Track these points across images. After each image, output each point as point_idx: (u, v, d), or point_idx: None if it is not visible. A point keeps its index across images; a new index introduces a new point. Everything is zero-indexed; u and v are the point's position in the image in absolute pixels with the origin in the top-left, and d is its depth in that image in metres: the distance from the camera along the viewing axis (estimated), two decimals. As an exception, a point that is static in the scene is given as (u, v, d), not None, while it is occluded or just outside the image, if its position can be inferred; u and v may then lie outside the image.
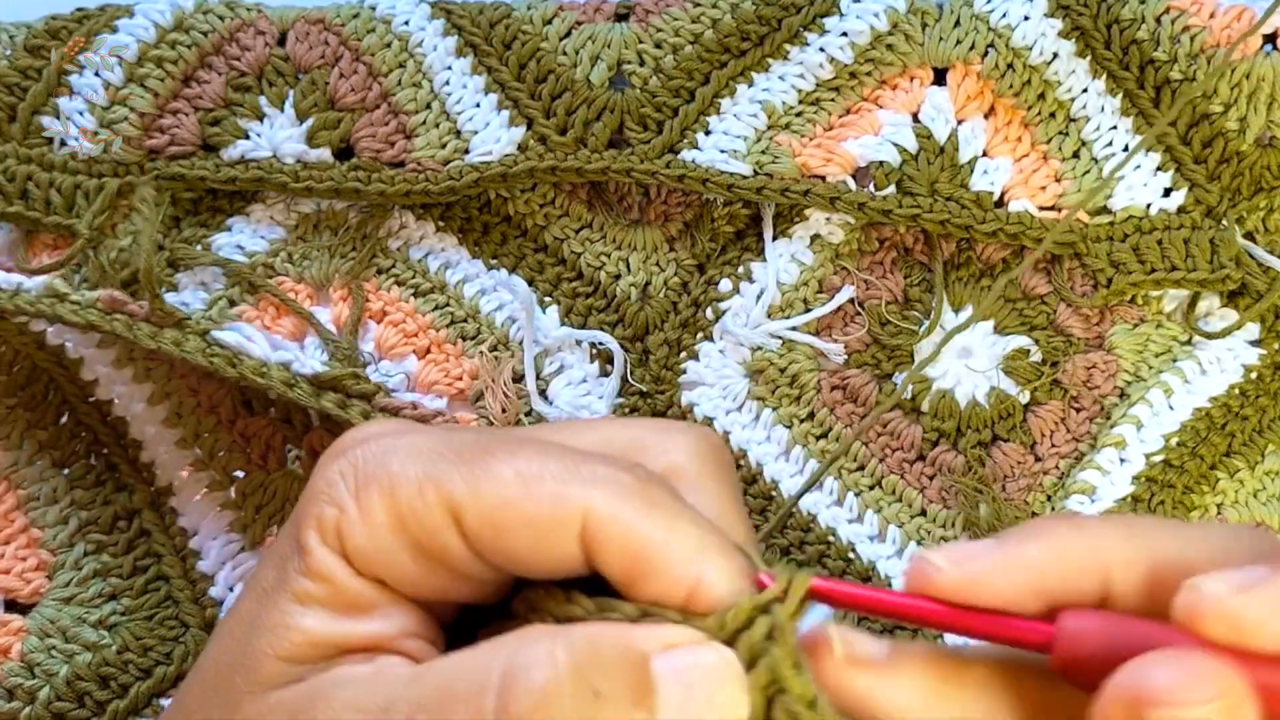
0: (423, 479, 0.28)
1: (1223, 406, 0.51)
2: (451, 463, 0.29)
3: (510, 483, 0.28)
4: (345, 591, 0.29)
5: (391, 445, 0.29)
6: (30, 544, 0.48)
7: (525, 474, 0.28)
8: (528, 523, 0.28)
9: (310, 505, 0.29)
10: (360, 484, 0.29)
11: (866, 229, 0.54)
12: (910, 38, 0.53)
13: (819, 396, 0.52)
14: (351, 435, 0.31)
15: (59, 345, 0.50)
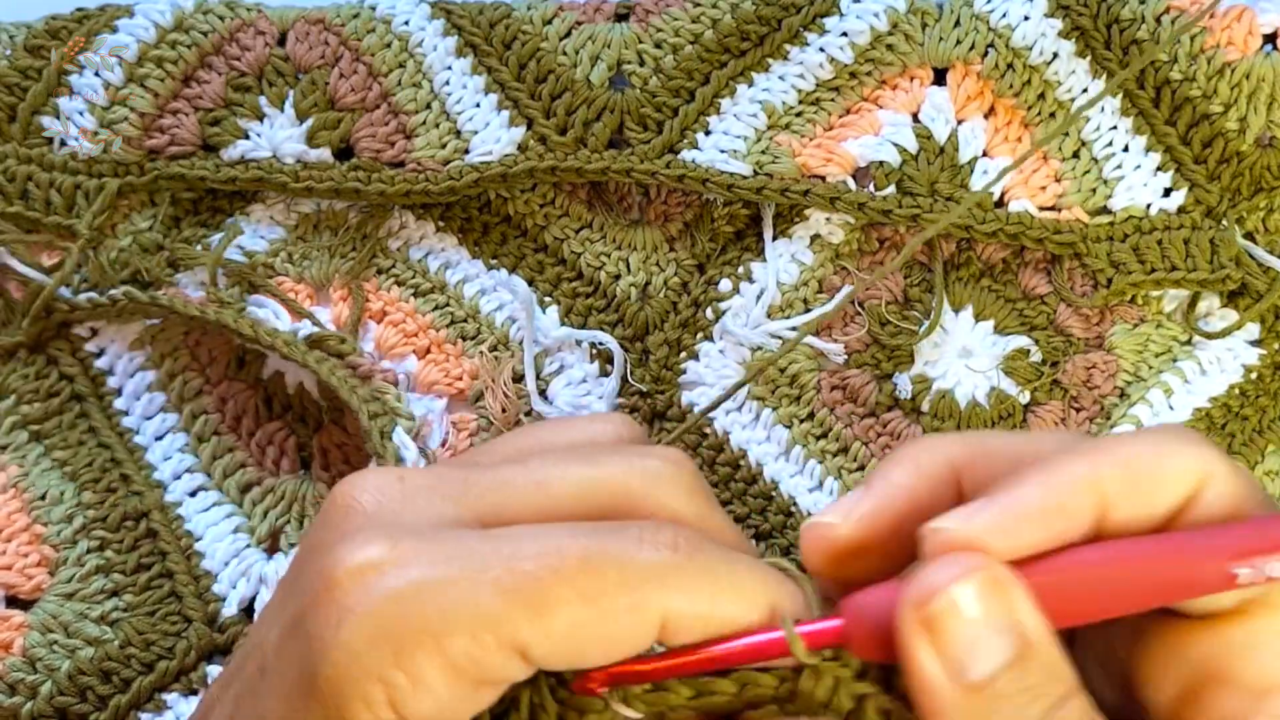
0: (474, 625, 0.25)
1: (1223, 407, 0.51)
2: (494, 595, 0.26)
3: (579, 607, 0.26)
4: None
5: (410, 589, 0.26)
6: (33, 540, 0.48)
7: (589, 593, 0.26)
8: (605, 641, 0.27)
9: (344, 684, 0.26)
10: (399, 651, 0.25)
11: (866, 229, 0.54)
12: (910, 38, 0.53)
13: (819, 396, 0.52)
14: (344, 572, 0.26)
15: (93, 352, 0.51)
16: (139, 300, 0.49)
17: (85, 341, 0.52)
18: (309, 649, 0.26)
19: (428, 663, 0.25)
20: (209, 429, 0.50)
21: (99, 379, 0.51)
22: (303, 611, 0.26)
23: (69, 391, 0.51)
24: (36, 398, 0.51)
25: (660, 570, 0.26)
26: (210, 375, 0.51)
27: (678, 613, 0.27)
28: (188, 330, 0.51)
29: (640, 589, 0.26)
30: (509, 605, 0.25)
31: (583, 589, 0.26)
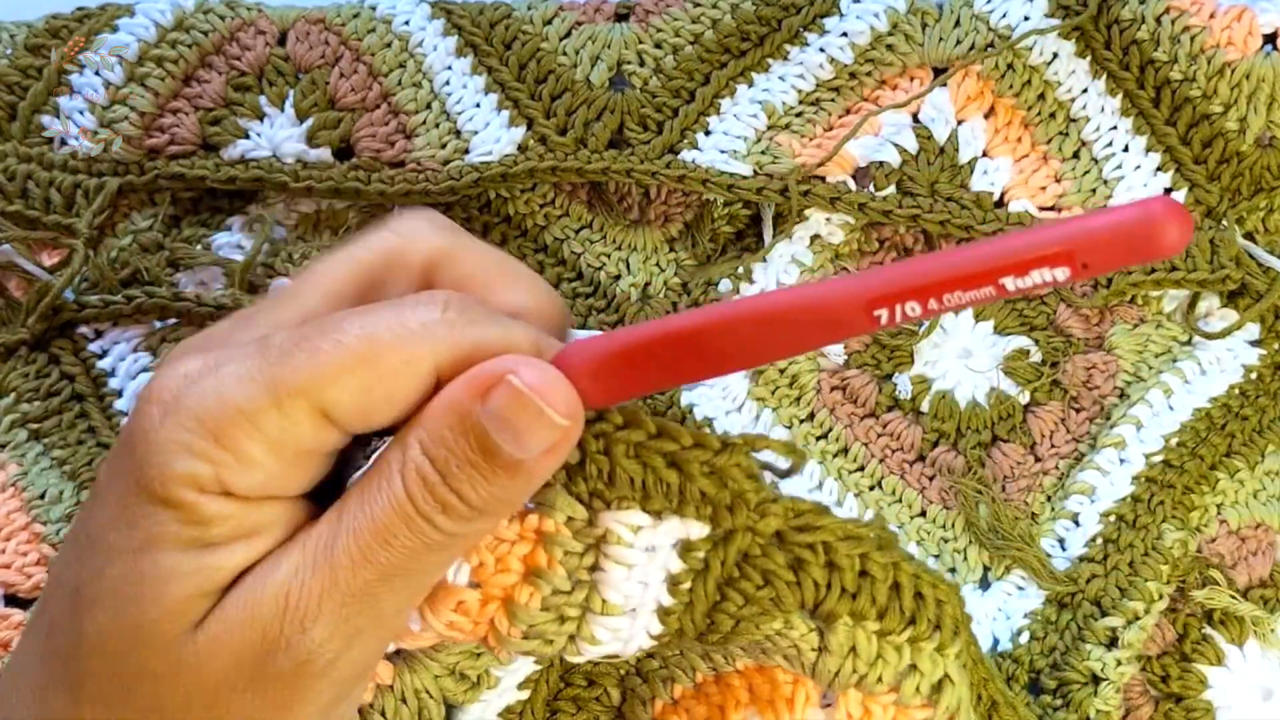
0: (280, 399, 0.29)
1: (1222, 407, 0.51)
2: (294, 371, 0.29)
3: (362, 369, 0.29)
4: (247, 520, 0.30)
5: (221, 381, 0.29)
6: (32, 539, 0.48)
7: (368, 355, 0.29)
8: (389, 396, 0.30)
9: (168, 469, 0.29)
10: (219, 434, 0.29)
11: (866, 229, 0.54)
12: (910, 38, 0.53)
13: (819, 397, 0.52)
14: (164, 384, 0.30)
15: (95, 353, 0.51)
16: (160, 298, 0.49)
17: (89, 342, 0.52)
18: (135, 452, 0.29)
19: (247, 440, 0.29)
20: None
21: (100, 379, 0.51)
22: (129, 430, 0.30)
23: (69, 391, 0.51)
24: (37, 396, 0.51)
25: (427, 327, 0.30)
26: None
27: (447, 360, 0.30)
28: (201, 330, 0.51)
29: (411, 347, 0.30)
30: (307, 378, 0.29)
31: (365, 354, 0.29)
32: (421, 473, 0.30)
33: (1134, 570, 0.48)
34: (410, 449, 0.30)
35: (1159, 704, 0.47)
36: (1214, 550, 0.49)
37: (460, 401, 0.30)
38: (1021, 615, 0.48)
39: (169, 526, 0.29)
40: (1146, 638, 0.47)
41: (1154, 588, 0.47)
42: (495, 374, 0.30)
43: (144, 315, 0.51)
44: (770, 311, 0.30)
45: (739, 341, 0.30)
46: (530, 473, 0.31)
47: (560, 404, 0.30)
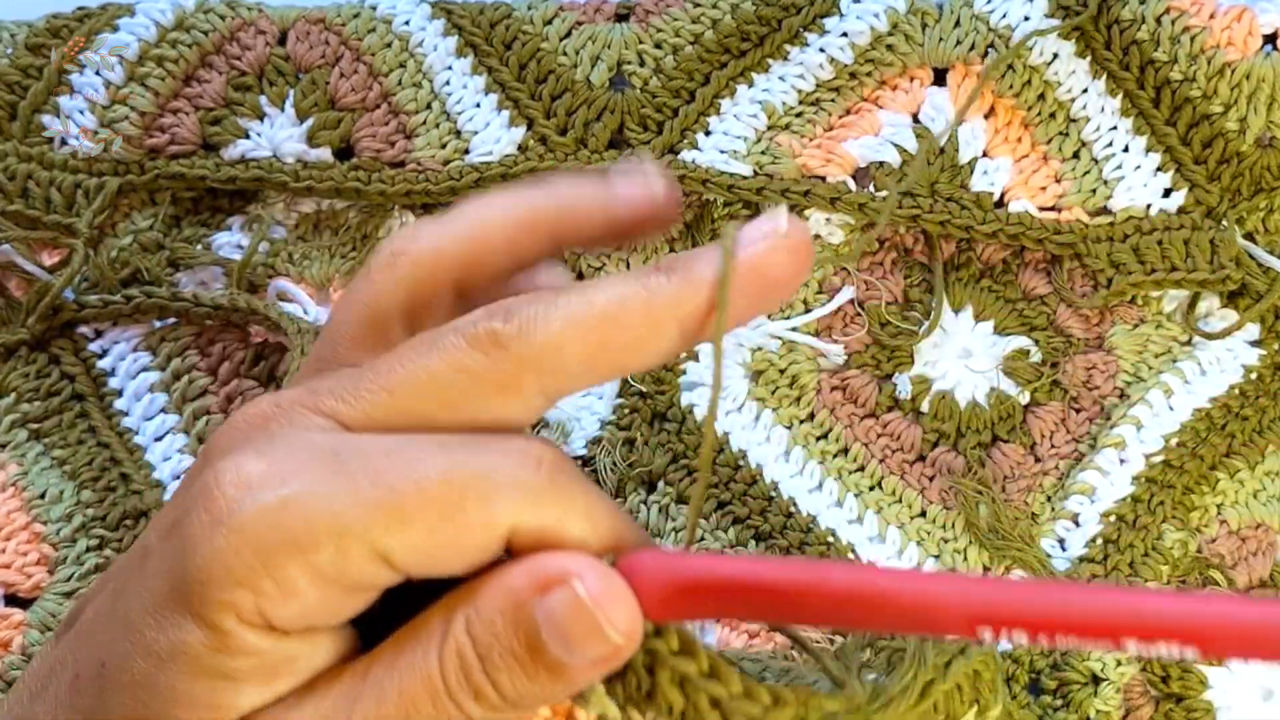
0: (340, 536, 0.27)
1: (1222, 407, 0.51)
2: (360, 507, 0.27)
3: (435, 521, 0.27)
4: (276, 656, 0.28)
5: (279, 503, 0.27)
6: (32, 539, 0.48)
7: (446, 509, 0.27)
8: (459, 551, 0.28)
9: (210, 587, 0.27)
10: (268, 559, 0.27)
11: (866, 229, 0.54)
12: (910, 38, 0.53)
13: (819, 398, 0.52)
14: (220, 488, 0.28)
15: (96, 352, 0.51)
16: (158, 297, 0.49)
17: (89, 341, 0.52)
18: (183, 551, 0.28)
19: (296, 572, 0.27)
20: (210, 430, 0.50)
21: (100, 379, 0.51)
22: (182, 517, 0.28)
23: (69, 391, 0.51)
24: (37, 396, 0.51)
25: (516, 488, 0.28)
26: (219, 374, 0.51)
27: (525, 529, 0.28)
28: (200, 330, 0.51)
29: (494, 506, 0.28)
30: (371, 518, 0.27)
31: (440, 506, 0.27)
32: (461, 654, 0.28)
33: (1134, 571, 0.48)
34: (455, 624, 0.29)
35: (1159, 704, 0.47)
36: (1214, 550, 0.49)
37: (517, 591, 0.28)
38: (1021, 615, 0.48)
39: (195, 646, 0.28)
40: (1146, 638, 0.47)
41: (1154, 589, 0.47)
42: (559, 573, 0.28)
43: (143, 315, 0.51)
44: (869, 591, 0.28)
45: (827, 608, 0.28)
46: (573, 679, 0.29)
47: (620, 621, 0.28)
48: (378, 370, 0.30)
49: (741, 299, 0.29)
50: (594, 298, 0.29)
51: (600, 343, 0.29)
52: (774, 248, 0.29)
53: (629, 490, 0.50)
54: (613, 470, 0.50)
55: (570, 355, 0.29)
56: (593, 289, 0.29)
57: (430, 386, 0.29)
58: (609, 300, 0.29)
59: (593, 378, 0.30)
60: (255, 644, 0.28)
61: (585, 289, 0.29)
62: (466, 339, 0.29)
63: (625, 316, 0.29)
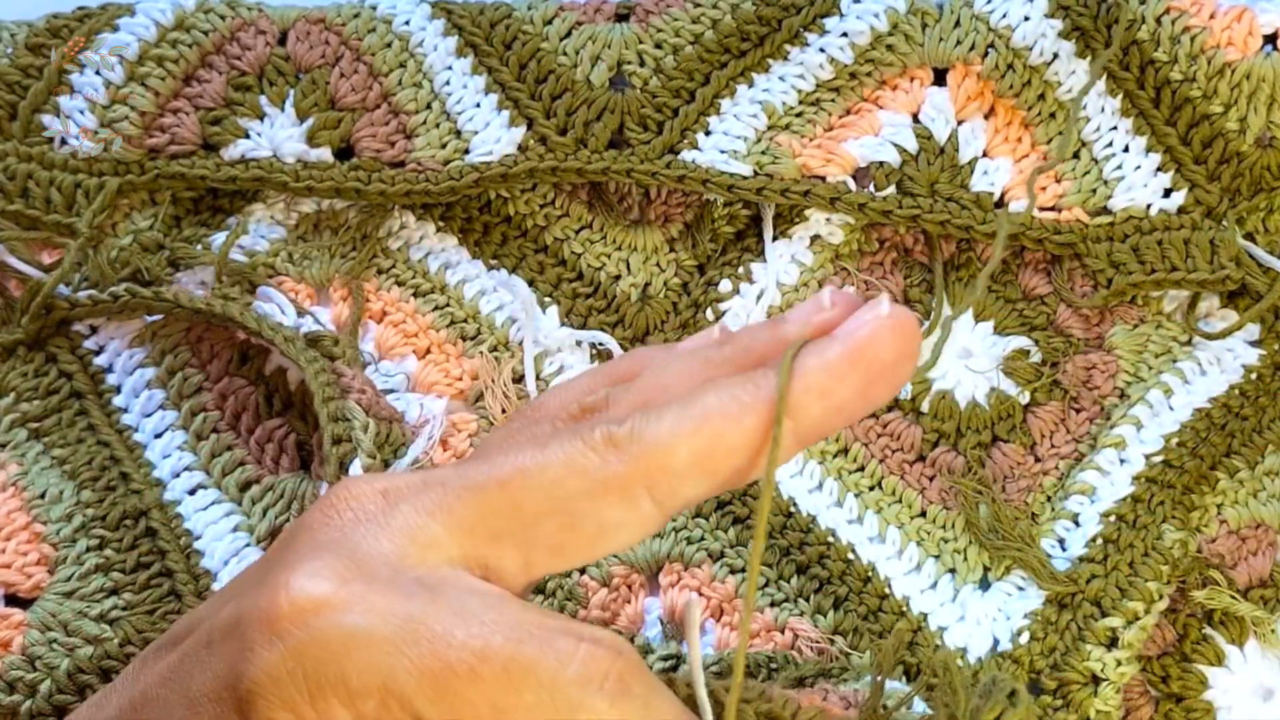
0: (386, 695, 0.27)
1: (1222, 407, 0.51)
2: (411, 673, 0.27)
3: (483, 712, 0.28)
4: None
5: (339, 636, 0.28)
6: (33, 539, 0.48)
7: (502, 707, 0.28)
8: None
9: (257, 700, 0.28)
10: (315, 693, 0.28)
11: (866, 229, 0.54)
12: (910, 38, 0.53)
13: (819, 397, 0.52)
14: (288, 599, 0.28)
15: (91, 350, 0.51)
16: (142, 296, 0.49)
17: (84, 339, 0.52)
18: (241, 655, 0.28)
19: (339, 709, 0.28)
20: (208, 426, 0.50)
21: (98, 376, 0.51)
22: (248, 619, 0.29)
23: (68, 389, 0.51)
24: (35, 395, 0.50)
25: (573, 707, 0.28)
26: (211, 372, 0.51)
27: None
28: (189, 326, 0.51)
29: (545, 711, 0.28)
30: (421, 686, 0.27)
31: (494, 701, 0.27)
32: None
33: (1134, 570, 0.48)
34: None
35: (1159, 704, 0.47)
36: (1214, 550, 0.49)
37: None
38: (1021, 616, 0.48)
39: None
40: (1146, 638, 0.47)
41: (1154, 588, 0.47)
42: None
43: (131, 312, 0.51)
44: None
45: None
46: None
47: None
48: (494, 463, 0.30)
49: (847, 387, 0.29)
50: (702, 397, 0.29)
51: (711, 440, 0.29)
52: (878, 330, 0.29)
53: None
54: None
55: (681, 453, 0.29)
56: (701, 390, 0.29)
57: (542, 481, 0.29)
58: (717, 399, 0.29)
59: (706, 480, 0.29)
60: None
61: (696, 392, 0.29)
62: (583, 439, 0.29)
63: (733, 412, 0.29)
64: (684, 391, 0.30)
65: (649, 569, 0.49)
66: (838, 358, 0.29)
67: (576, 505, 0.29)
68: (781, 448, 0.29)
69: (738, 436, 0.29)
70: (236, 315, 0.48)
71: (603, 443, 0.29)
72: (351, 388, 0.47)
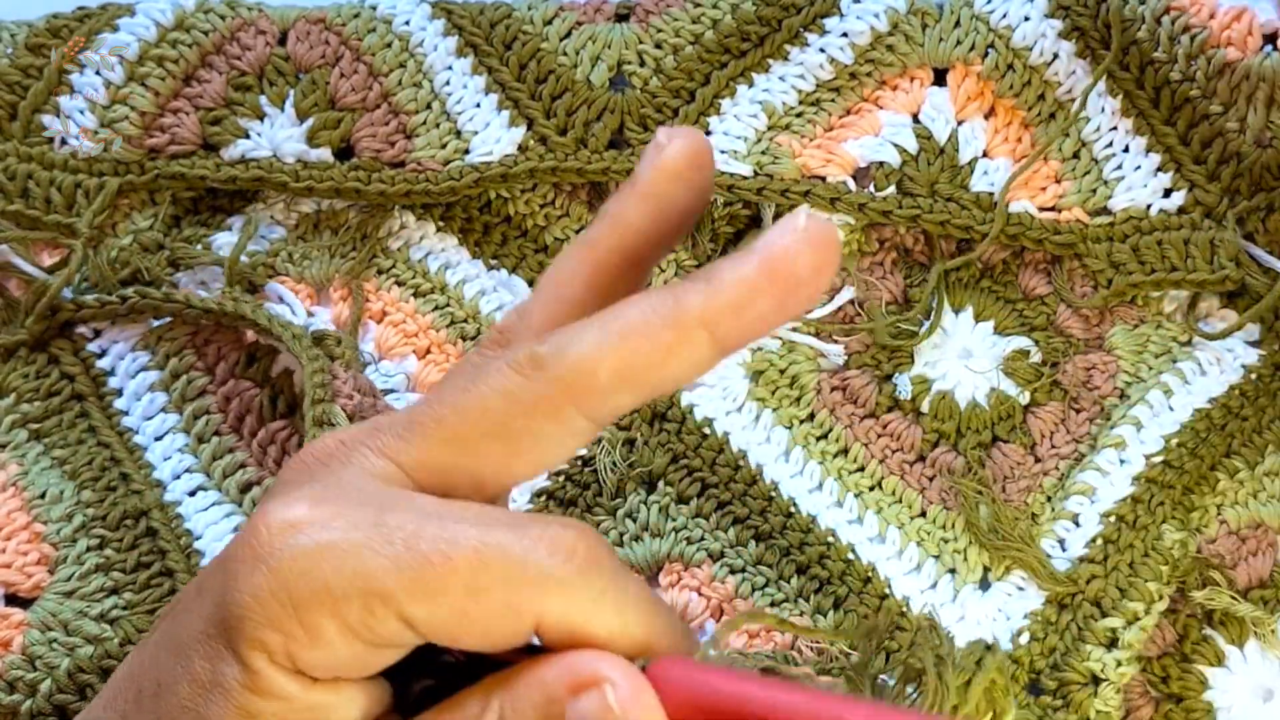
0: (367, 595, 0.28)
1: (1222, 407, 0.51)
2: (392, 572, 0.28)
3: (462, 597, 0.28)
4: (305, 702, 0.29)
5: (317, 550, 0.28)
6: (33, 539, 0.48)
7: (474, 588, 0.28)
8: (483, 630, 0.28)
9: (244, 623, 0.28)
10: (299, 605, 0.28)
11: (867, 230, 0.54)
12: (910, 38, 0.53)
13: (819, 398, 0.52)
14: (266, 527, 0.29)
15: (95, 352, 0.51)
16: (152, 298, 0.49)
17: (88, 341, 0.52)
18: (225, 585, 0.29)
19: (324, 621, 0.28)
20: (210, 429, 0.50)
21: (100, 379, 0.51)
22: (231, 554, 0.29)
23: (69, 391, 0.51)
24: (37, 396, 0.51)
25: (545, 579, 0.28)
26: (216, 374, 0.51)
27: (553, 620, 0.28)
28: (195, 330, 0.51)
29: (522, 593, 0.28)
30: (400, 583, 0.28)
31: (469, 582, 0.28)
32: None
33: (1134, 571, 0.48)
34: (490, 712, 0.29)
35: (1159, 705, 0.47)
36: (1214, 551, 0.49)
37: (551, 688, 0.28)
38: (1021, 616, 0.48)
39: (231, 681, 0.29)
40: (1146, 638, 0.47)
41: (1154, 588, 0.47)
42: (592, 676, 0.28)
43: (139, 315, 0.51)
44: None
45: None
46: None
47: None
48: (430, 403, 0.31)
49: (764, 300, 0.29)
50: (623, 312, 0.29)
51: (631, 355, 0.29)
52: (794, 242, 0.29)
53: (629, 490, 0.50)
54: (613, 470, 0.50)
55: (604, 370, 0.29)
56: (623, 305, 0.29)
57: (478, 414, 0.30)
58: (637, 312, 0.29)
59: (631, 393, 0.30)
60: (283, 688, 0.28)
61: (617, 307, 0.30)
62: (509, 364, 0.29)
63: (652, 327, 0.29)
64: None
65: (649, 569, 0.49)
66: (754, 272, 0.29)
67: (512, 427, 0.30)
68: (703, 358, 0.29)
69: (657, 351, 0.29)
70: (249, 313, 0.48)
71: (528, 364, 0.29)
72: (341, 392, 0.47)
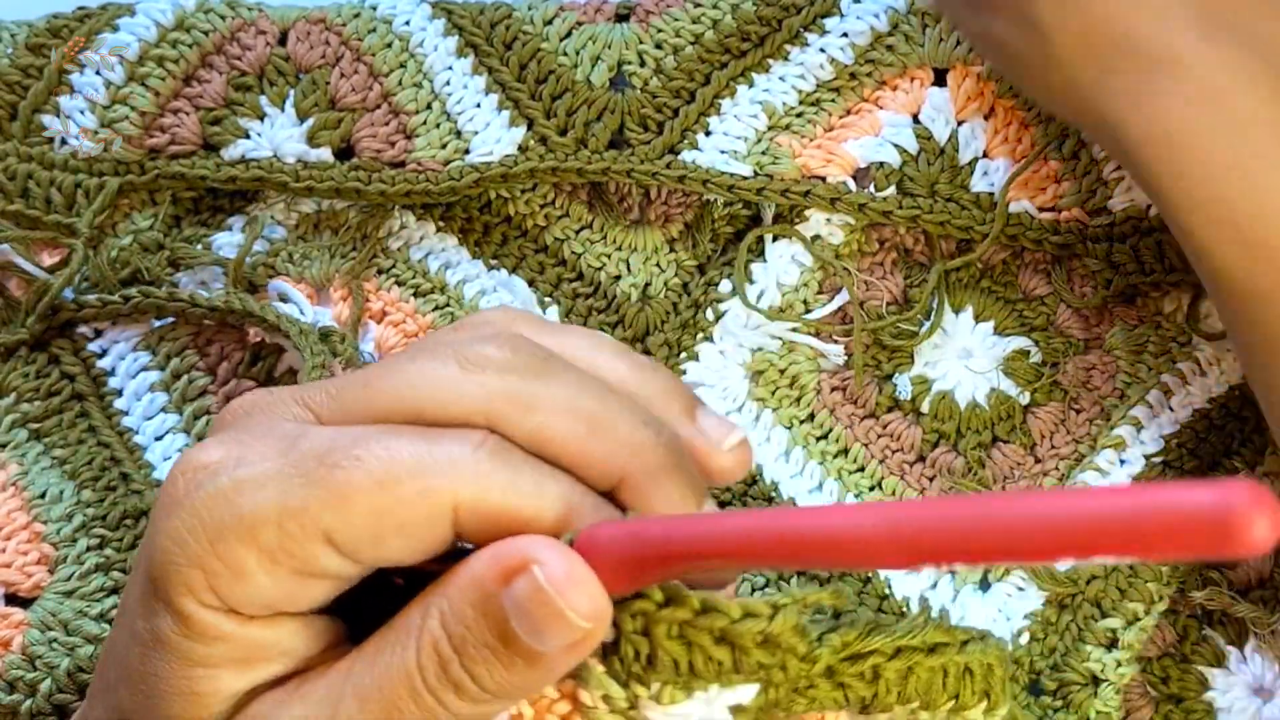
0: (281, 514, 0.27)
1: (1222, 408, 0.51)
2: (303, 486, 0.27)
3: (374, 494, 0.27)
4: (243, 641, 0.29)
5: (231, 484, 0.28)
6: (33, 538, 0.48)
7: (385, 480, 0.27)
8: (400, 528, 0.28)
9: (167, 569, 0.28)
10: (214, 537, 0.27)
11: (867, 230, 0.54)
12: (910, 38, 0.53)
13: (819, 398, 0.52)
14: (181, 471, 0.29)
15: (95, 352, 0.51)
16: (155, 297, 0.49)
17: (89, 341, 0.52)
18: (148, 541, 0.29)
19: (243, 551, 0.27)
20: (209, 430, 0.50)
21: (100, 379, 0.51)
22: (153, 509, 0.29)
23: (69, 390, 0.51)
24: (37, 396, 0.51)
25: (453, 462, 0.28)
26: (218, 375, 0.51)
27: (469, 503, 0.28)
28: (198, 330, 0.51)
29: (431, 477, 0.28)
30: (312, 495, 0.27)
31: (379, 477, 0.27)
32: (437, 646, 0.28)
33: (1134, 571, 0.48)
34: (430, 618, 0.28)
35: (1159, 705, 0.47)
36: (1214, 551, 0.49)
37: (483, 580, 0.28)
38: (1021, 616, 0.48)
39: (168, 632, 0.28)
40: (1146, 639, 0.47)
41: (1154, 589, 0.47)
42: (520, 559, 0.27)
43: (141, 315, 0.51)
44: (811, 538, 0.27)
45: (782, 552, 0.28)
46: (550, 665, 0.28)
47: (584, 604, 0.27)
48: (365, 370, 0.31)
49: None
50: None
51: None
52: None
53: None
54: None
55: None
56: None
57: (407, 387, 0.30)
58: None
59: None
60: (219, 628, 0.28)
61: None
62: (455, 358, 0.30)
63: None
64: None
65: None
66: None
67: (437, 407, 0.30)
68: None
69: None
70: (256, 310, 0.48)
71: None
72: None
